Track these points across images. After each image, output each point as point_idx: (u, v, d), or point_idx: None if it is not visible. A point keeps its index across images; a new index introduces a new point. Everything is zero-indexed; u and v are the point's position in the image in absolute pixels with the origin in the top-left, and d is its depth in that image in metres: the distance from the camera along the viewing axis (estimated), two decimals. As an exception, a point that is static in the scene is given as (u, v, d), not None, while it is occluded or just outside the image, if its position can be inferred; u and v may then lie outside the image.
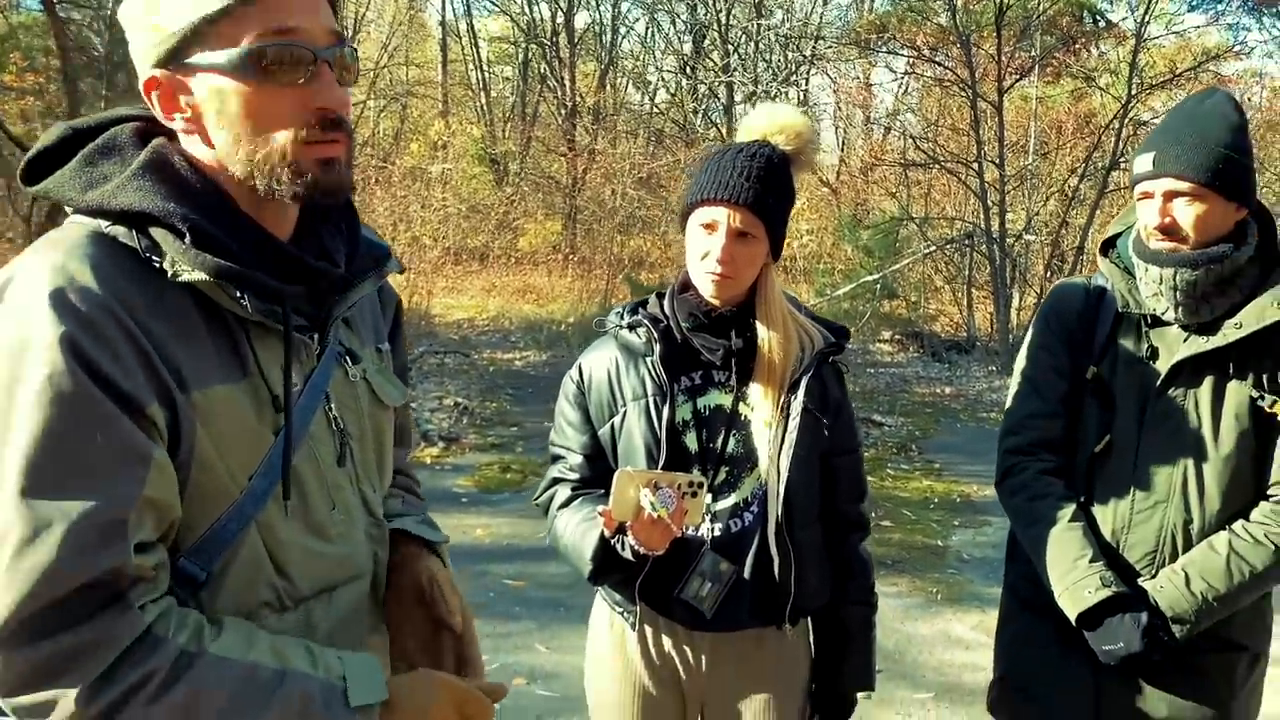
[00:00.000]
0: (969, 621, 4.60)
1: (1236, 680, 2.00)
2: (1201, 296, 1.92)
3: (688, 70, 22.44)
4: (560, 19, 21.56)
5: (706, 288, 1.84)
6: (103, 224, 1.07)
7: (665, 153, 20.32)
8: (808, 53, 21.58)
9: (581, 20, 22.89)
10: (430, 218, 16.28)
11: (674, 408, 1.85)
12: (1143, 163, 1.94)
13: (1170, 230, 1.91)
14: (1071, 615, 1.91)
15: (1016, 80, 13.43)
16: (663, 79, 23.91)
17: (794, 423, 1.83)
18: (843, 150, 22.34)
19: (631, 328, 1.91)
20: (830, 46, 21.52)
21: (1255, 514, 1.92)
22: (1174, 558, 1.93)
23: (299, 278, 1.15)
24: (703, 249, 1.82)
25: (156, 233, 1.07)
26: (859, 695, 2.03)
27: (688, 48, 22.75)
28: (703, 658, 1.90)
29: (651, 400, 1.86)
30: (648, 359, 1.88)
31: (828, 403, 1.91)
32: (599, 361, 1.95)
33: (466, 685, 1.18)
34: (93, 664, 0.95)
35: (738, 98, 21.78)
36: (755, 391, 1.85)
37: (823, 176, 18.55)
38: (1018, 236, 12.80)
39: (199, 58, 1.08)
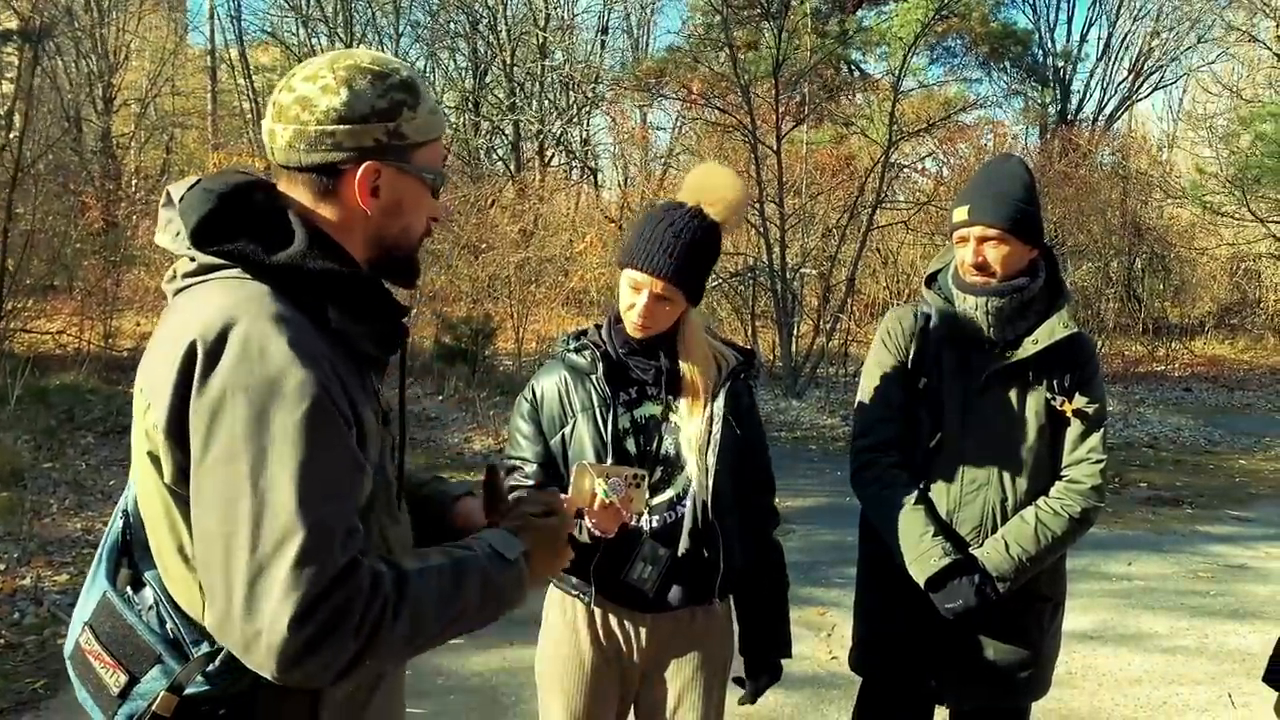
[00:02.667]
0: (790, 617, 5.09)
1: (1044, 625, 2.50)
2: (1006, 319, 2.40)
3: (471, 105, 22.60)
4: (339, 50, 21.25)
5: (633, 331, 2.19)
6: (275, 282, 1.29)
7: (452, 188, 20.37)
8: (589, 93, 22.26)
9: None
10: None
11: (616, 417, 2.16)
12: (960, 213, 2.42)
13: (982, 267, 2.38)
14: (920, 580, 2.33)
15: (793, 127, 14.46)
16: (445, 115, 23.93)
17: (716, 427, 2.18)
18: (624, 187, 23.11)
19: (578, 350, 2.22)
20: (610, 89, 22.29)
21: (1053, 491, 2.42)
22: (995, 529, 2.39)
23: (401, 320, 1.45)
24: (629, 302, 2.16)
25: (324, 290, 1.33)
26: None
27: (470, 84, 22.91)
28: (643, 633, 2.21)
29: (598, 411, 2.18)
30: (592, 376, 2.20)
31: (740, 411, 2.27)
32: (549, 382, 2.26)
33: (547, 520, 1.52)
34: (349, 618, 1.18)
35: (523, 135, 22.19)
36: (682, 404, 2.20)
37: (607, 213, 19.19)
38: (796, 270, 13.77)
39: (412, 167, 1.41)
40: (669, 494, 2.17)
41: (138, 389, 1.30)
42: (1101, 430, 2.43)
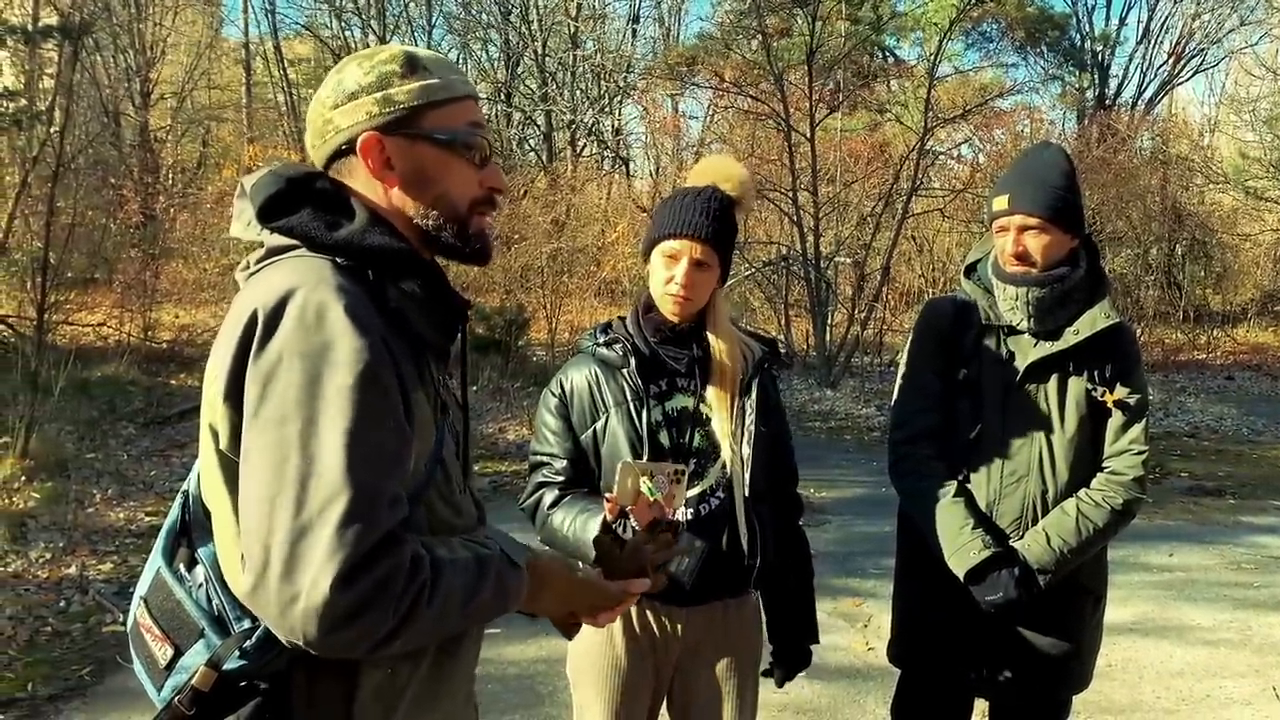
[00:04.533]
0: (824, 609, 5.06)
1: (1085, 618, 2.47)
2: (1047, 309, 2.37)
3: (503, 96, 22.65)
4: (373, 42, 21.36)
5: (669, 307, 2.17)
6: (338, 259, 1.32)
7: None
8: (620, 83, 22.24)
9: (394, 44, 22.73)
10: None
11: (649, 411, 2.16)
12: (999, 203, 2.38)
13: (1022, 256, 2.35)
14: (960, 573, 2.31)
15: (827, 115, 14.38)
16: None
17: (749, 418, 2.17)
18: (656, 177, 23.07)
19: (608, 345, 2.21)
20: (642, 77, 22.25)
21: (1094, 483, 2.38)
22: (1035, 521, 2.36)
23: (462, 307, 1.44)
24: (667, 275, 2.14)
25: (383, 268, 1.34)
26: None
27: (502, 74, 22.96)
28: (679, 627, 2.20)
29: (631, 405, 2.17)
30: (624, 370, 2.19)
31: (769, 404, 2.26)
32: (578, 376, 2.24)
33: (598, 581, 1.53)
34: (392, 588, 1.18)
35: (555, 125, 22.23)
36: (712, 394, 2.18)
37: (639, 202, 19.17)
38: (830, 258, 13.70)
39: (422, 131, 1.38)
40: (703, 486, 2.16)
41: (207, 372, 1.32)
42: (1143, 421, 2.40)
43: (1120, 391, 2.36)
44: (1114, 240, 17.11)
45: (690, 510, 2.14)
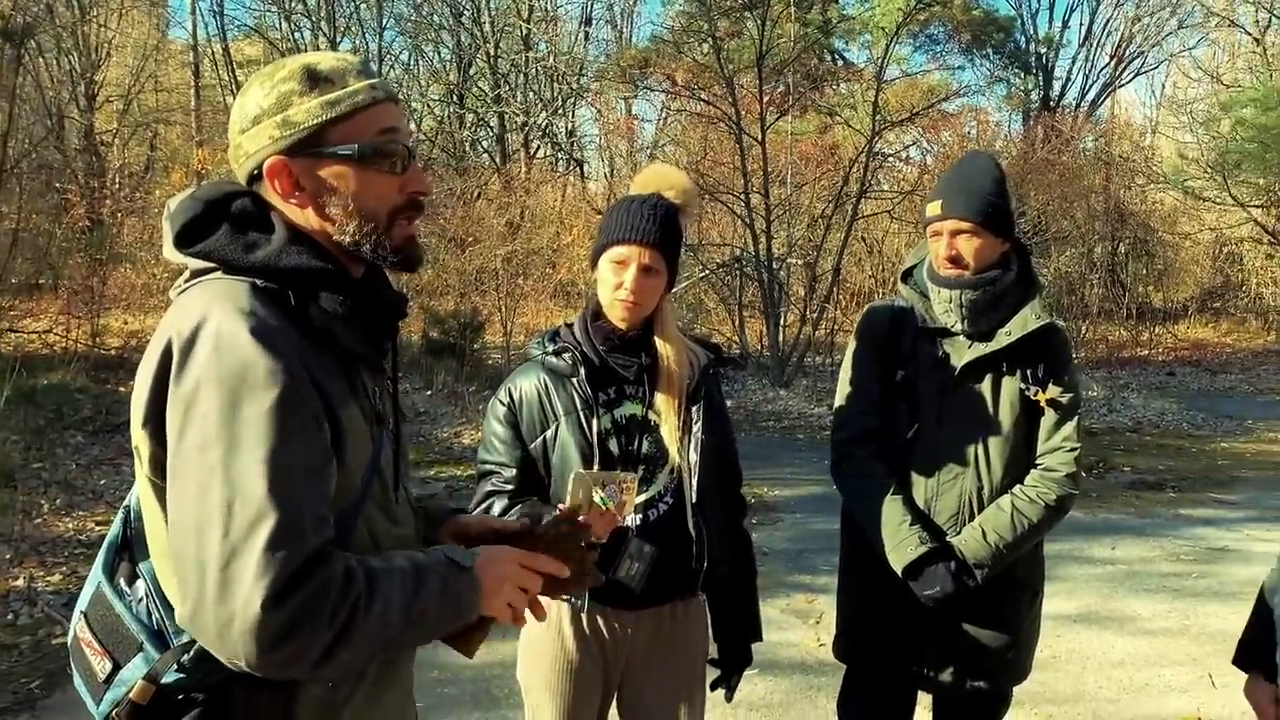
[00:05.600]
0: (777, 606, 5.16)
1: (1023, 611, 2.55)
2: (980, 311, 2.45)
3: (456, 98, 22.55)
4: (324, 44, 21.16)
5: (618, 314, 2.20)
6: (257, 281, 1.32)
7: (438, 180, 20.30)
8: (574, 85, 22.25)
9: (345, 47, 22.57)
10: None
11: (599, 419, 2.19)
12: (933, 208, 2.46)
13: (955, 259, 2.43)
14: (898, 568, 2.38)
15: (778, 118, 14.51)
16: (429, 106, 23.91)
17: (696, 425, 2.22)
18: (610, 179, 23.11)
19: (557, 353, 2.24)
20: (595, 80, 22.28)
21: (1029, 479, 2.47)
22: (972, 517, 2.44)
23: (391, 318, 1.45)
24: (615, 281, 2.18)
25: (303, 288, 1.34)
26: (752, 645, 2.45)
27: (454, 76, 22.86)
28: (628, 630, 2.24)
29: (581, 414, 2.20)
30: (573, 379, 2.21)
31: (714, 408, 2.31)
32: (527, 384, 2.26)
33: (523, 551, 1.48)
34: (325, 603, 1.20)
35: (508, 127, 22.18)
36: (660, 401, 2.22)
37: (594, 204, 19.19)
38: (782, 260, 13.83)
39: (326, 148, 1.37)
40: (651, 492, 2.20)
41: (134, 392, 1.34)
42: (1075, 419, 2.48)
43: (1052, 390, 2.44)
44: (1059, 240, 17.44)
45: (639, 516, 2.17)
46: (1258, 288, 19.33)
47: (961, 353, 2.47)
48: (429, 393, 11.01)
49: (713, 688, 2.42)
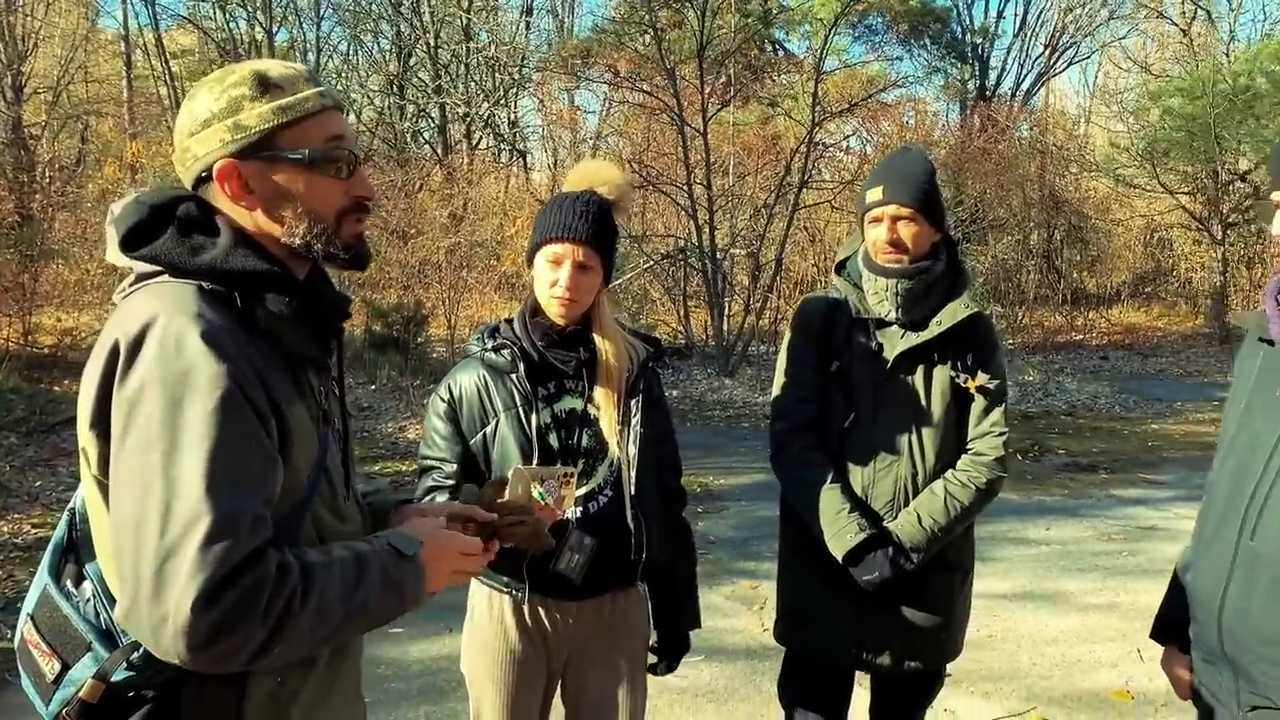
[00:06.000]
0: (723, 593, 5.24)
1: (955, 591, 2.64)
2: (914, 300, 2.52)
3: (396, 89, 22.31)
4: (260, 35, 20.79)
5: (555, 310, 2.23)
6: (203, 283, 1.35)
7: (379, 172, 20.07)
8: (515, 75, 22.11)
9: (282, 37, 22.20)
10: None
11: (538, 414, 2.22)
12: (874, 194, 2.52)
13: (896, 244, 2.49)
14: (839, 555, 2.45)
15: (719, 109, 14.58)
16: (369, 97, 23.62)
17: (636, 418, 2.27)
18: (555, 169, 23.04)
19: (497, 350, 2.26)
20: (537, 69, 22.15)
21: (960, 464, 2.55)
22: (907, 503, 2.52)
23: (335, 319, 1.49)
24: (551, 279, 2.21)
25: (250, 290, 1.37)
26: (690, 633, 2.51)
27: (394, 67, 22.60)
28: (569, 620, 2.28)
29: (520, 409, 2.23)
30: (513, 375, 2.24)
31: (653, 401, 2.36)
32: (467, 380, 2.29)
33: (464, 537, 1.54)
34: (257, 601, 1.22)
35: (449, 117, 21.99)
36: (600, 395, 2.26)
37: (538, 195, 19.13)
38: (726, 250, 13.93)
39: (277, 153, 1.40)
40: (591, 484, 2.24)
41: (80, 394, 1.36)
42: (1003, 405, 2.57)
43: (981, 378, 2.52)
44: (996, 227, 17.78)
45: (579, 509, 2.21)
46: (1187, 272, 19.88)
47: (895, 343, 2.53)
48: (373, 387, 10.93)
49: (651, 672, 2.47)
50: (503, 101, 22.55)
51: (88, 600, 1.38)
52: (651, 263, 14.01)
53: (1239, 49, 18.73)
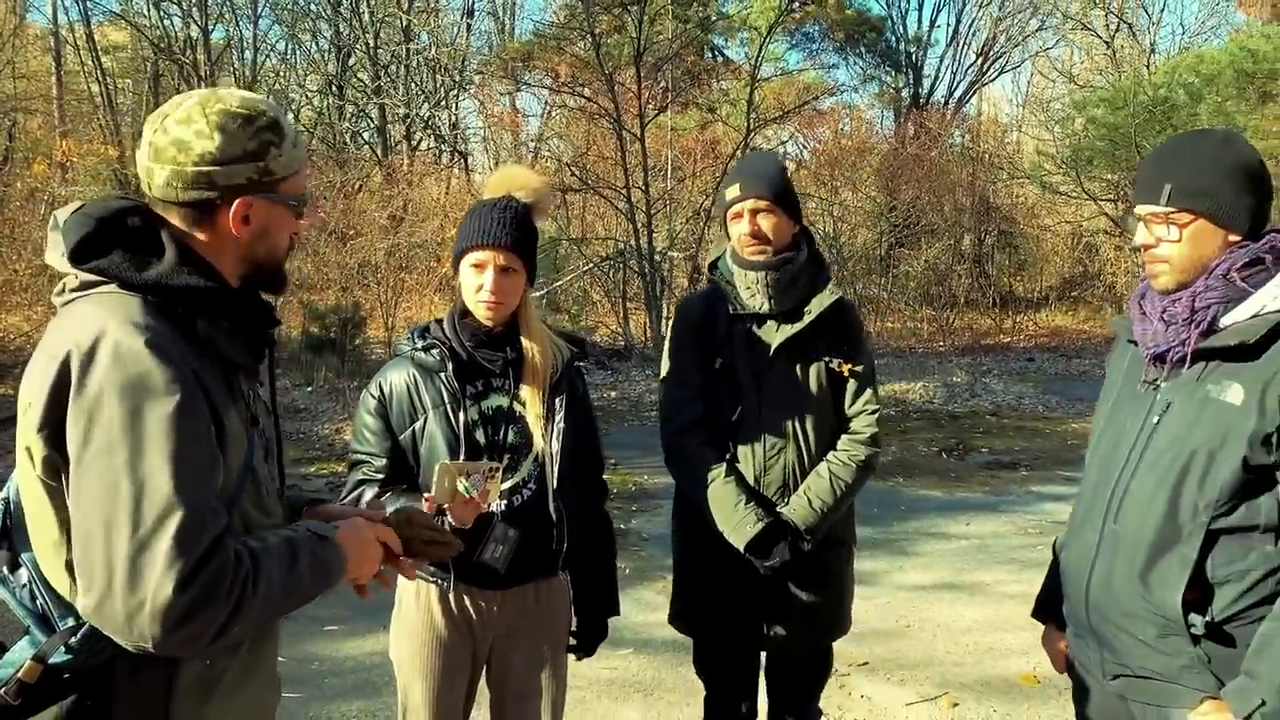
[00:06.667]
0: (655, 589, 5.37)
1: (842, 566, 2.80)
2: (783, 289, 2.66)
3: (335, 89, 22.15)
4: (196, 33, 20.48)
5: (482, 313, 2.35)
6: (148, 296, 1.46)
7: (318, 173, 19.86)
8: (456, 77, 22.08)
9: (218, 35, 21.90)
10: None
11: (466, 411, 2.34)
12: (732, 191, 2.68)
13: (758, 235, 2.65)
14: (740, 546, 2.58)
15: (656, 114, 14.75)
16: (307, 97, 23.40)
17: (559, 415, 2.39)
18: (494, 171, 22.96)
19: (426, 349, 2.37)
20: (478, 72, 22.15)
21: (839, 444, 2.71)
22: (796, 486, 2.66)
23: (267, 328, 1.62)
24: (476, 284, 2.33)
25: (190, 304, 1.49)
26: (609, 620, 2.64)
27: (333, 67, 22.44)
28: (494, 608, 2.40)
29: (449, 406, 2.34)
30: (442, 374, 2.35)
31: (576, 398, 2.49)
32: (397, 378, 2.40)
33: (375, 524, 1.70)
34: (222, 583, 1.35)
35: (389, 118, 21.88)
36: (525, 393, 2.38)
37: (479, 197, 19.11)
38: (664, 253, 14.10)
39: (280, 197, 1.59)
40: (516, 479, 2.36)
41: (21, 393, 1.45)
42: (874, 385, 2.75)
43: (853, 362, 2.69)
44: (928, 233, 18.20)
45: (504, 502, 2.33)
46: (1111, 277, 20.48)
47: (772, 335, 2.67)
48: (309, 389, 10.91)
49: (573, 654, 2.59)
50: (443, 103, 22.50)
51: (23, 585, 1.47)
52: (591, 265, 14.13)
53: (1159, 61, 19.40)
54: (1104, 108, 16.52)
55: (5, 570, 1.49)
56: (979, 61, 26.17)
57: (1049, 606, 2.43)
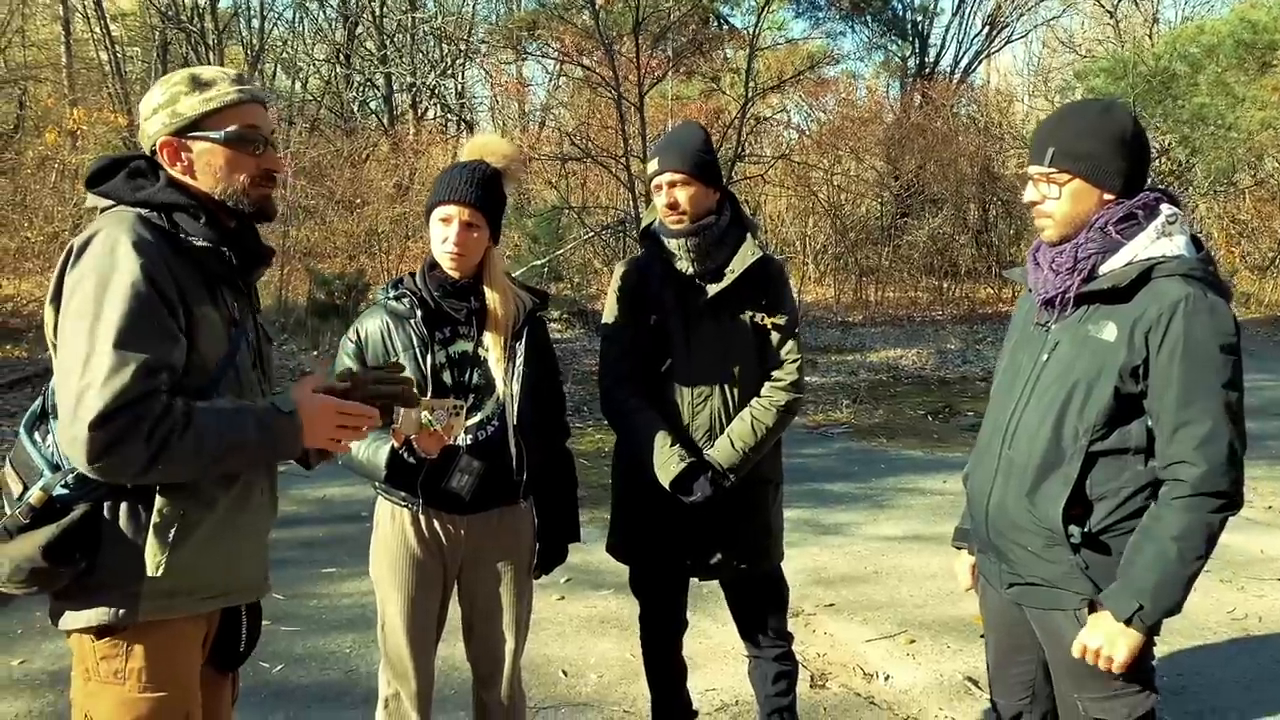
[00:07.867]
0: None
1: (769, 502, 3.04)
2: (706, 253, 2.88)
3: (342, 58, 22.28)
4: (203, 1, 20.62)
5: (447, 264, 2.59)
6: (142, 211, 1.85)
7: (325, 141, 20.02)
8: (462, 46, 22.18)
9: (225, 3, 22.02)
10: (71, 213, 15.23)
11: (434, 355, 2.59)
12: (651, 166, 2.91)
13: (674, 206, 2.85)
14: (666, 484, 2.84)
15: (655, 83, 14.88)
16: (315, 66, 23.54)
17: (519, 359, 2.64)
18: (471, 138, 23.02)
19: (398, 298, 2.63)
20: (484, 42, 22.24)
21: (762, 391, 2.95)
22: (722, 430, 2.91)
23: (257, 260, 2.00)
24: (442, 236, 2.57)
25: (179, 217, 1.86)
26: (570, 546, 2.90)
27: (340, 35, 22.56)
28: (461, 532, 2.66)
29: (418, 350, 2.59)
30: (411, 320, 2.60)
31: (537, 345, 2.73)
32: (372, 325, 2.66)
33: (340, 400, 1.96)
34: (142, 427, 1.70)
35: (396, 87, 22.05)
36: (489, 339, 2.62)
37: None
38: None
39: (201, 133, 1.92)
40: (480, 416, 2.61)
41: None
42: (796, 336, 2.99)
43: (776, 315, 2.92)
44: (932, 202, 18.32)
45: (470, 437, 2.58)
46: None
47: (699, 294, 2.90)
48: (315, 353, 11.17)
49: (535, 573, 2.84)
50: (450, 72, 22.63)
51: (48, 444, 1.87)
52: (592, 234, 14.33)
53: (1161, 32, 19.40)
54: (1104, 78, 16.59)
55: (38, 436, 1.89)
56: (985, 30, 26.12)
57: (963, 534, 2.68)
